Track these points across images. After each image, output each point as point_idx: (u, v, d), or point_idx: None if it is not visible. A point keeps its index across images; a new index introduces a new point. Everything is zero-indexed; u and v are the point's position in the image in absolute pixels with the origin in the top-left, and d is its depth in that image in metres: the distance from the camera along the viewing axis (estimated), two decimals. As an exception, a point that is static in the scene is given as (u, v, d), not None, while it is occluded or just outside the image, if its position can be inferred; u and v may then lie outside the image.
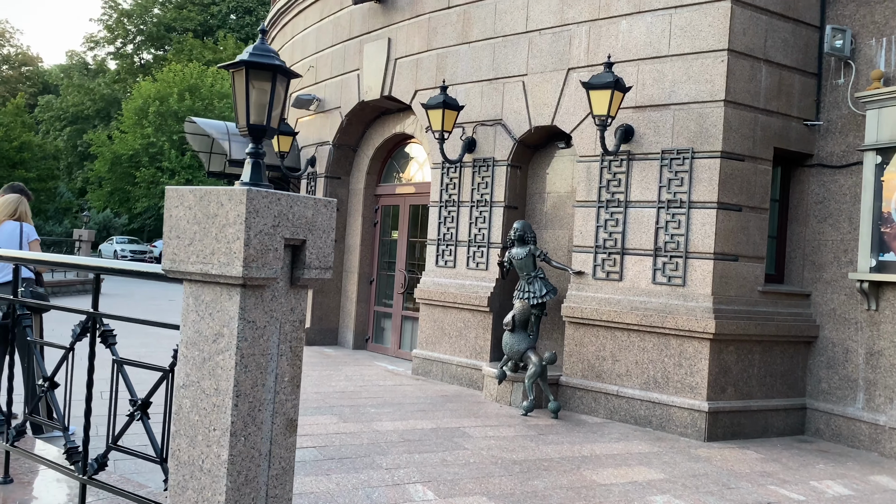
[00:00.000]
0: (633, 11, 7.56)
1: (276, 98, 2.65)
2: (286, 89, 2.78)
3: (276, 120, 2.72)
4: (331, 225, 2.62)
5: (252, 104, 2.64)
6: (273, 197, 2.38)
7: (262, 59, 2.59)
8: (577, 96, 7.90)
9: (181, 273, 2.47)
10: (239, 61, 2.60)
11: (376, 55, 10.30)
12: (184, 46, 48.19)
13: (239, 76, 2.65)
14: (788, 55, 7.41)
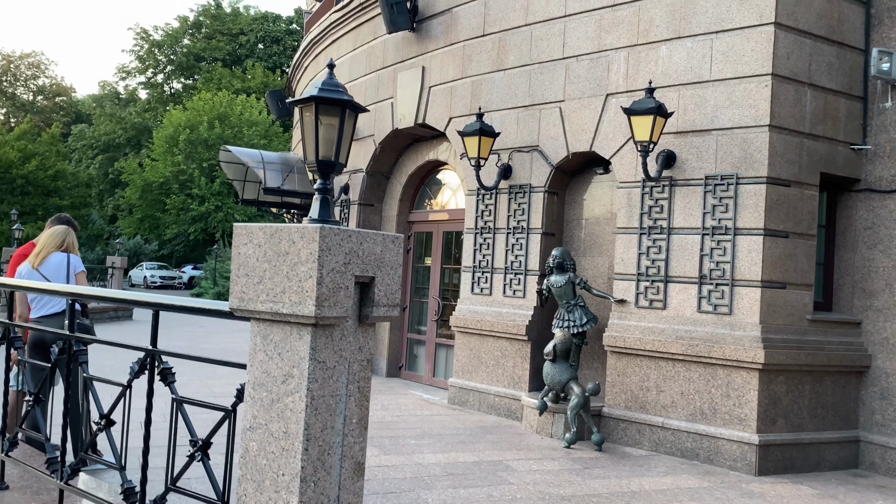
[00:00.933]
0: (672, 37, 7.50)
1: (345, 133, 2.62)
2: (354, 124, 2.74)
3: (344, 155, 2.68)
4: (398, 261, 2.56)
5: (321, 139, 2.60)
6: (345, 234, 2.32)
7: (331, 95, 2.56)
8: (617, 122, 7.83)
9: (250, 312, 2.42)
10: (308, 97, 2.57)
11: (410, 83, 10.33)
12: (213, 75, 49.08)
13: (308, 112, 2.62)
14: (833, 79, 7.28)
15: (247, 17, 54.37)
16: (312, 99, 2.58)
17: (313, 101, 2.58)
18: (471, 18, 9.43)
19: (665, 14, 7.56)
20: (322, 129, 2.60)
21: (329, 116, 2.60)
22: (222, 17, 53.72)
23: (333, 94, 2.58)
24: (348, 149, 2.71)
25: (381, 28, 10.81)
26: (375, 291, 2.47)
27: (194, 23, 53.92)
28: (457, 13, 9.65)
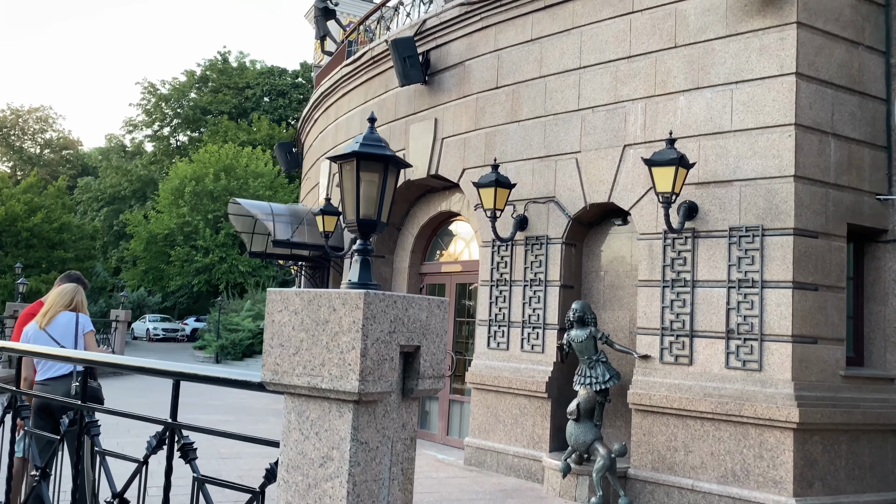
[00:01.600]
0: (691, 88, 7.43)
1: (388, 190, 2.45)
2: (396, 181, 2.58)
3: (386, 213, 2.51)
4: (444, 328, 2.35)
5: (362, 197, 2.43)
6: (389, 300, 2.12)
7: (373, 150, 2.40)
8: (635, 172, 7.70)
9: (284, 386, 2.20)
10: (350, 153, 2.41)
11: (423, 135, 10.28)
12: (219, 128, 49.57)
13: (348, 168, 2.45)
14: (856, 128, 7.18)
15: (253, 71, 55.22)
16: (354, 154, 2.42)
17: (355, 156, 2.42)
18: (483, 71, 9.41)
19: (682, 65, 7.51)
20: (363, 186, 2.43)
21: (370, 173, 2.43)
22: (229, 71, 54.57)
23: (375, 150, 2.42)
24: (390, 206, 2.54)
25: (393, 81, 10.80)
26: (421, 362, 2.25)
27: (201, 77, 54.75)
28: (469, 66, 9.64)
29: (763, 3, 6.98)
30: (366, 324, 2.04)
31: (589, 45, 8.28)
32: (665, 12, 7.71)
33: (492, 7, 9.22)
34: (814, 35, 6.90)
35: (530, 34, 8.87)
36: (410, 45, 9.92)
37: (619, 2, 8.08)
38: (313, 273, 14.10)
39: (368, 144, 2.41)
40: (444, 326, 2.34)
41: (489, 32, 9.37)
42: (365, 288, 2.23)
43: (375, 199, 2.42)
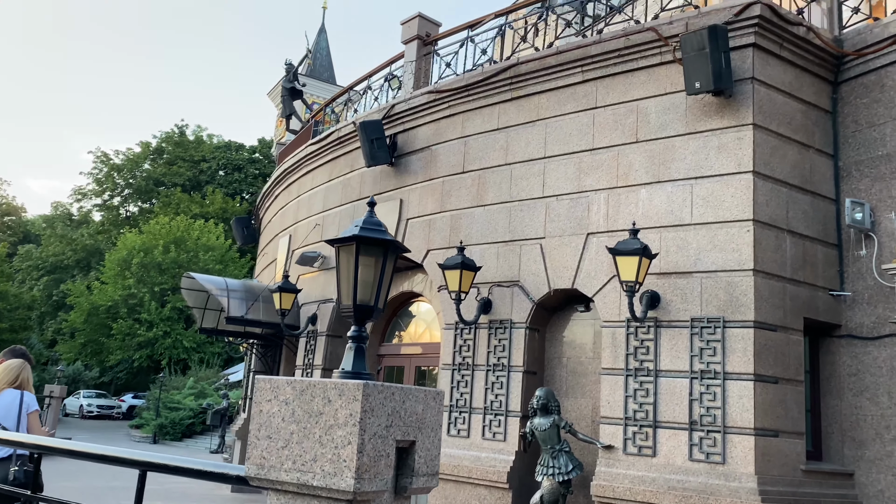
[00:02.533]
0: (652, 181, 7.66)
1: (386, 275, 2.38)
2: (394, 266, 2.51)
3: (383, 299, 2.43)
4: (439, 421, 2.24)
5: (360, 282, 2.36)
6: (388, 391, 2.02)
7: (373, 234, 2.35)
8: (599, 260, 7.81)
9: (270, 482, 2.04)
10: (350, 236, 2.35)
11: (387, 215, 10.29)
12: (171, 200, 48.98)
13: (346, 252, 2.39)
14: (810, 226, 7.47)
15: (209, 144, 55.21)
16: (354, 238, 2.36)
17: (354, 240, 2.36)
18: (450, 156, 9.57)
19: (644, 159, 7.77)
20: (362, 271, 2.36)
21: (369, 257, 2.37)
22: (185, 144, 54.44)
23: (376, 234, 2.37)
24: (387, 292, 2.46)
25: (359, 161, 10.90)
26: (416, 458, 2.13)
27: (156, 149, 54.43)
28: (436, 150, 9.80)
29: (720, 105, 7.33)
30: (364, 417, 1.93)
31: (554, 137, 8.52)
32: (627, 109, 8.02)
33: (459, 96, 9.47)
34: (769, 136, 7.24)
35: (497, 123, 9.11)
36: (378, 127, 10.07)
37: (582, 97, 8.39)
38: (265, 352, 13.71)
39: (369, 228, 2.36)
40: (439, 420, 2.24)
41: (457, 119, 9.59)
42: (359, 378, 2.12)
43: (373, 285, 2.35)
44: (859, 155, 7.63)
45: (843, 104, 7.86)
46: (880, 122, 7.49)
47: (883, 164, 7.42)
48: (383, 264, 2.38)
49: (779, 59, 7.48)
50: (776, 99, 7.39)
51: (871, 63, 7.60)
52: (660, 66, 7.83)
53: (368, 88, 12.19)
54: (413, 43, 10.79)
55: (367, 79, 12.31)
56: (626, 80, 8.05)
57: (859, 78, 7.73)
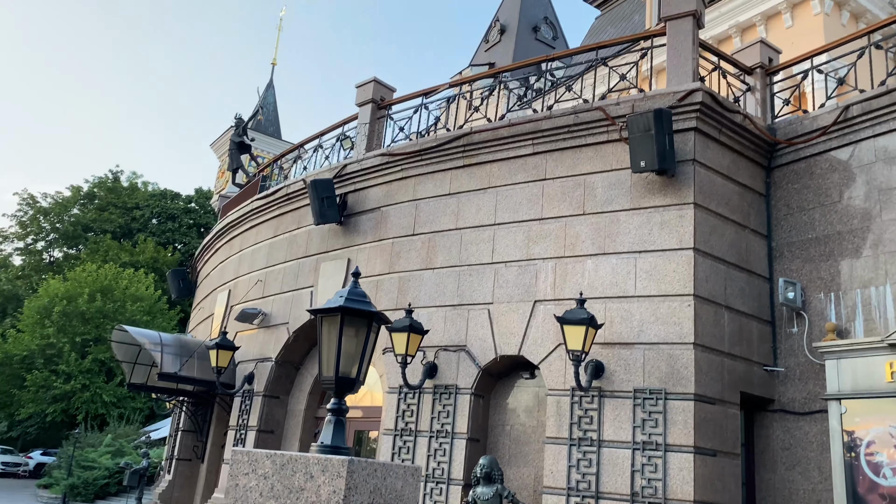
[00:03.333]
0: (598, 252, 7.88)
1: (369, 348, 2.36)
2: (377, 338, 2.50)
3: (364, 372, 2.40)
4: (416, 497, 2.21)
5: (343, 353, 2.33)
6: (371, 468, 1.99)
7: (359, 306, 2.33)
8: (545, 328, 7.91)
9: (243, 561, 1.96)
10: (335, 307, 2.33)
11: (334, 274, 10.22)
12: (100, 247, 47.27)
13: (330, 322, 2.36)
14: (746, 303, 7.79)
15: (144, 192, 53.89)
16: (339, 309, 2.34)
17: (340, 311, 2.34)
18: (401, 218, 9.64)
19: (590, 231, 8.00)
20: (345, 342, 2.34)
21: (354, 328, 2.35)
22: (118, 190, 52.99)
23: (361, 306, 2.36)
24: (368, 365, 2.44)
25: (307, 218, 10.85)
26: (394, 535, 2.09)
27: (88, 193, 52.76)
28: (387, 212, 9.86)
29: (664, 184, 7.67)
30: (348, 494, 1.89)
31: (504, 204, 8.71)
32: (575, 182, 8.30)
33: (412, 160, 9.62)
34: (708, 216, 7.59)
35: (449, 188, 9.26)
36: (329, 186, 10.08)
37: (533, 168, 8.65)
38: (195, 410, 13.17)
39: (354, 299, 2.35)
40: (416, 496, 2.21)
41: (409, 182, 9.71)
42: (341, 453, 2.09)
43: (356, 357, 2.32)
44: (791, 237, 8.07)
45: (776, 188, 8.35)
46: (810, 207, 7.97)
47: (812, 247, 7.86)
48: (367, 336, 2.37)
49: (718, 144, 7.92)
50: (715, 180, 7.79)
51: (802, 152, 8.13)
52: (607, 144, 8.16)
53: (320, 147, 12.24)
54: (368, 106, 10.96)
55: (318, 137, 12.38)
56: (575, 154, 8.36)
57: (791, 165, 8.25)
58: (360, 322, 2.41)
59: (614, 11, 21.42)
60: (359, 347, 2.38)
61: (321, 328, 2.48)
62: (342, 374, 2.41)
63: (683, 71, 8.04)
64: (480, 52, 29.40)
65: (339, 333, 2.37)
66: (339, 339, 2.37)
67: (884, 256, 7.27)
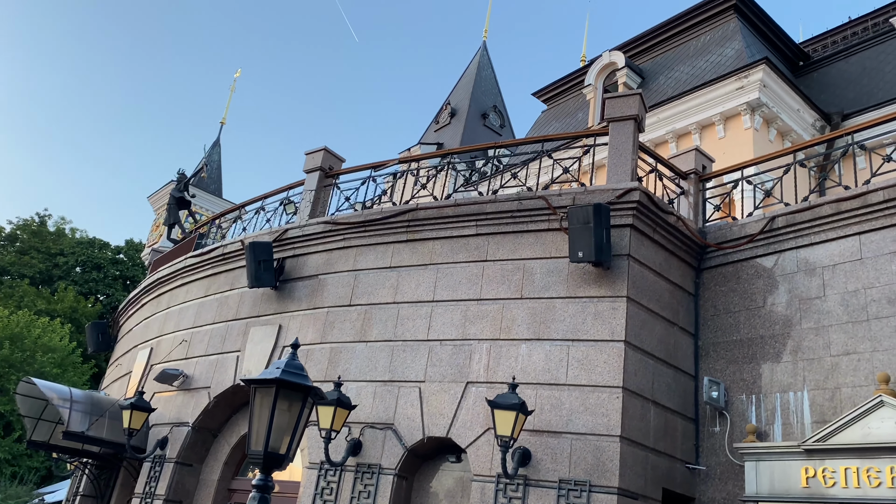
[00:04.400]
0: (532, 337, 7.94)
1: (302, 423, 2.27)
2: (310, 414, 2.41)
3: (294, 449, 2.31)
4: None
5: (274, 427, 2.23)
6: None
7: (295, 379, 2.26)
8: (476, 411, 7.84)
9: None
10: (270, 378, 2.25)
11: (263, 339, 9.95)
12: (15, 291, 44.94)
13: (264, 394, 2.27)
14: (671, 399, 7.93)
15: (71, 239, 51.93)
16: (275, 381, 2.26)
17: (275, 383, 2.26)
18: (339, 287, 9.55)
19: (526, 315, 8.08)
20: (278, 416, 2.25)
21: (288, 402, 2.27)
22: (43, 234, 50.92)
23: (298, 379, 2.29)
24: (299, 441, 2.34)
25: (241, 280, 10.63)
26: None
27: (10, 235, 50.49)
28: (324, 280, 9.76)
29: (599, 275, 7.87)
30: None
31: (444, 282, 8.75)
32: (514, 266, 8.43)
33: (356, 231, 9.62)
34: (640, 310, 7.80)
35: (390, 262, 9.27)
36: (268, 249, 9.95)
37: (474, 249, 8.76)
38: (99, 474, 12.34)
39: (291, 372, 2.28)
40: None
41: (350, 252, 9.68)
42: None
43: (287, 432, 2.23)
44: (717, 337, 8.34)
45: (705, 289, 8.67)
46: (735, 310, 8.29)
47: (736, 349, 8.13)
48: (301, 412, 2.29)
49: (652, 242, 8.22)
50: (648, 276, 8.05)
51: (730, 256, 8.52)
52: (547, 232, 8.37)
53: (262, 209, 12.14)
54: (315, 173, 10.99)
55: (261, 199, 12.29)
56: (516, 239, 8.53)
57: (719, 268, 8.61)
58: (296, 396, 2.34)
59: (560, 107, 22.40)
60: (291, 422, 2.30)
61: (254, 399, 2.39)
62: (271, 450, 2.31)
63: (623, 170, 8.41)
64: (430, 131, 30.13)
65: (273, 406, 2.29)
66: (271, 413, 2.28)
67: (802, 363, 7.57)
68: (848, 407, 6.99)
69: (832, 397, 7.23)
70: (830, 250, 7.79)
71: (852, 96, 16.84)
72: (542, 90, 23.13)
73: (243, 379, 2.93)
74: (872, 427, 6.48)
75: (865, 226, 7.58)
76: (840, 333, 7.38)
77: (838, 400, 7.17)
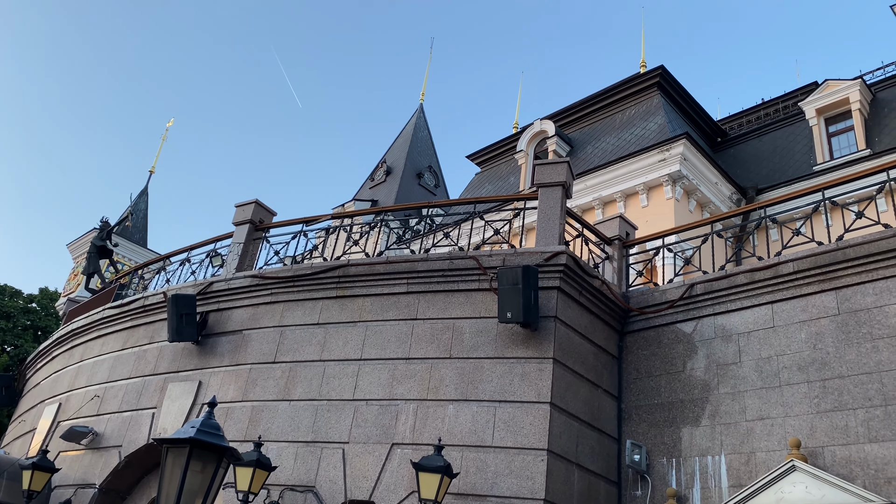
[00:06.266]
0: (460, 398, 7.91)
1: (215, 486, 2.18)
2: (224, 475, 2.32)
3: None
4: None
5: (185, 489, 2.13)
6: None
7: (211, 440, 2.18)
8: (400, 473, 7.68)
9: None
10: (185, 438, 2.16)
11: (181, 396, 9.56)
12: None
13: (176, 454, 2.17)
14: (595, 462, 7.98)
15: (-21, 285, 49.15)
16: (188, 441, 2.17)
17: (189, 443, 2.17)
18: (264, 344, 9.32)
19: (454, 375, 8.06)
20: (190, 478, 2.15)
21: (202, 463, 2.17)
22: (-50, 280, 48.04)
23: (213, 440, 2.21)
24: (211, 501, 2.24)
25: (161, 333, 10.26)
26: None
27: (-88, 279, 47.43)
28: (249, 336, 9.52)
29: (527, 336, 7.96)
30: None
31: (372, 340, 8.67)
32: (444, 325, 8.44)
33: (284, 286, 9.48)
34: (566, 372, 7.90)
35: (318, 318, 9.13)
36: (191, 302, 9.67)
37: (405, 307, 8.74)
38: (-10, 540, 11.39)
39: (207, 432, 2.20)
40: None
41: (277, 308, 9.50)
42: None
43: (199, 494, 2.13)
44: (639, 401, 8.50)
45: (628, 352, 8.87)
46: (657, 374, 8.49)
47: (658, 412, 8.30)
48: (214, 473, 2.20)
49: (578, 304, 8.40)
50: (574, 339, 8.19)
51: (652, 321, 8.77)
52: (477, 292, 8.45)
53: (188, 261, 11.83)
54: (245, 226, 10.83)
55: (188, 251, 11.99)
56: (447, 298, 8.57)
57: (641, 332, 8.85)
58: (210, 457, 2.25)
59: (493, 170, 22.95)
60: (204, 484, 2.21)
61: (166, 459, 2.29)
62: (182, 513, 2.21)
63: (551, 234, 8.63)
64: (365, 188, 30.28)
65: (185, 467, 2.19)
66: (183, 474, 2.19)
67: (720, 427, 7.78)
68: (762, 471, 7.19)
69: (748, 461, 7.43)
70: (745, 318, 8.13)
71: (765, 172, 17.91)
72: (476, 153, 23.69)
73: (155, 438, 2.81)
74: (785, 492, 6.68)
75: (777, 295, 7.96)
76: (755, 399, 7.65)
77: (753, 464, 7.37)
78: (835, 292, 7.60)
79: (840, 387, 7.14)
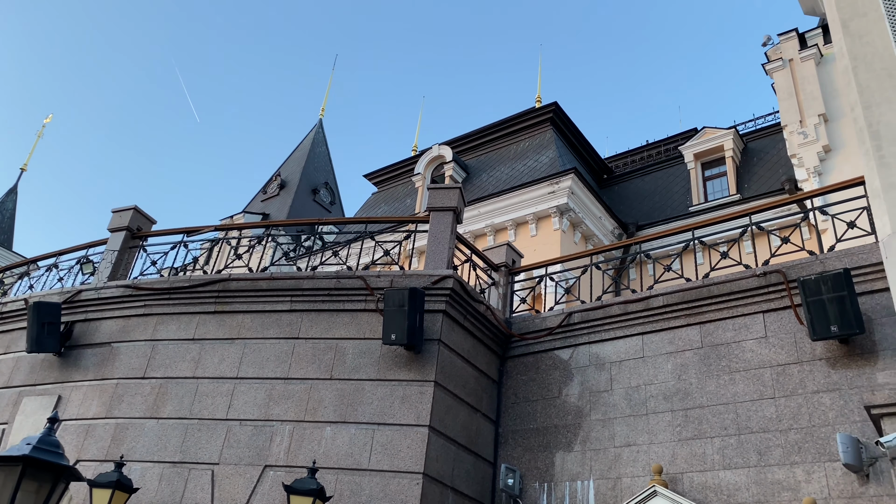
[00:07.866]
0: (338, 420, 7.79)
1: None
2: (62, 494, 2.14)
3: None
4: None
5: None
6: None
7: (47, 458, 2.01)
8: (272, 496, 7.44)
9: None
10: (17, 456, 1.98)
11: (37, 411, 8.87)
12: None
13: (7, 473, 1.98)
14: (470, 486, 8.04)
15: None
16: (21, 459, 1.98)
17: (21, 461, 1.98)
18: (133, 358, 8.82)
19: (334, 397, 7.93)
20: (20, 499, 1.96)
21: (36, 483, 1.99)
22: None
23: (50, 457, 2.04)
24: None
25: (19, 343, 9.53)
26: None
27: None
28: (118, 349, 8.99)
29: (410, 359, 7.97)
30: None
31: (250, 358, 8.40)
32: (327, 345, 8.31)
33: (159, 298, 9.04)
34: (446, 395, 7.95)
35: (193, 333, 8.76)
36: (55, 311, 9.04)
37: (287, 325, 8.55)
38: None
39: (43, 449, 2.03)
40: None
41: (150, 320, 9.04)
42: None
43: (28, 515, 1.95)
44: (516, 425, 8.67)
45: (508, 377, 9.05)
46: (534, 399, 8.70)
47: (533, 437, 8.48)
48: (50, 494, 2.02)
49: (462, 328, 8.51)
50: (456, 362, 8.27)
51: (532, 347, 9.00)
52: (363, 312, 8.39)
53: (55, 266, 11.06)
54: (121, 233, 10.28)
55: (57, 256, 11.21)
56: (331, 318, 8.45)
57: (521, 357, 9.06)
58: (46, 477, 2.08)
59: (390, 191, 22.98)
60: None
61: None
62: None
63: (440, 258, 8.72)
64: (257, 201, 29.51)
65: (16, 489, 2.01)
66: (13, 496, 2.00)
67: (590, 453, 8.04)
68: (627, 496, 7.48)
69: (614, 486, 7.71)
70: (618, 347, 8.49)
71: (646, 210, 18.92)
72: (374, 173, 23.66)
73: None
74: (646, 515, 6.97)
75: (647, 327, 8.37)
76: (623, 426, 7.98)
77: (619, 489, 7.66)
78: (699, 326, 8.08)
79: (700, 416, 7.57)
